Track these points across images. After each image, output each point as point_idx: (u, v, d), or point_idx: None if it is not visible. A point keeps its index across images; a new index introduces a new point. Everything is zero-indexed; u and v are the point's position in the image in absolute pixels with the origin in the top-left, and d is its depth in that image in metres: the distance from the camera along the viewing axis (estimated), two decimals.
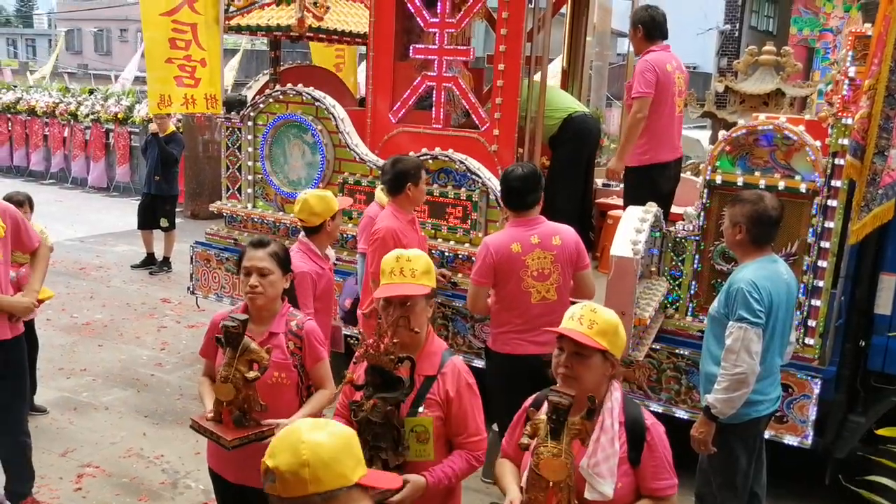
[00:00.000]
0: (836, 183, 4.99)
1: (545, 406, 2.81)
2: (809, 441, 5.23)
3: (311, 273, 4.65)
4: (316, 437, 1.96)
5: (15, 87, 19.61)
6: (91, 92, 17.62)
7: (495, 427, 5.33)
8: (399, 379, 2.89)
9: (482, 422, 3.15)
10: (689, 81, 6.31)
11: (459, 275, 6.25)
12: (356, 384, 2.99)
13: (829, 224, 5.05)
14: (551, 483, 2.57)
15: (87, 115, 16.77)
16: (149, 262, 11.05)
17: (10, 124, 18.39)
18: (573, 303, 4.83)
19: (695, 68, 26.90)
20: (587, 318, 2.75)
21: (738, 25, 22.45)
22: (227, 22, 7.43)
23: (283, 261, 3.64)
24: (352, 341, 6.11)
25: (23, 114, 17.99)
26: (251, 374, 3.32)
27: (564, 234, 4.78)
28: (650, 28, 6.04)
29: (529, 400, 3.01)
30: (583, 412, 2.62)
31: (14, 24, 68.31)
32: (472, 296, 4.87)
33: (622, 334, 2.82)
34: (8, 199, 6.30)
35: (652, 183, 5.98)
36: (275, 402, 3.46)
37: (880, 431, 2.00)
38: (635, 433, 2.79)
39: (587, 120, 6.58)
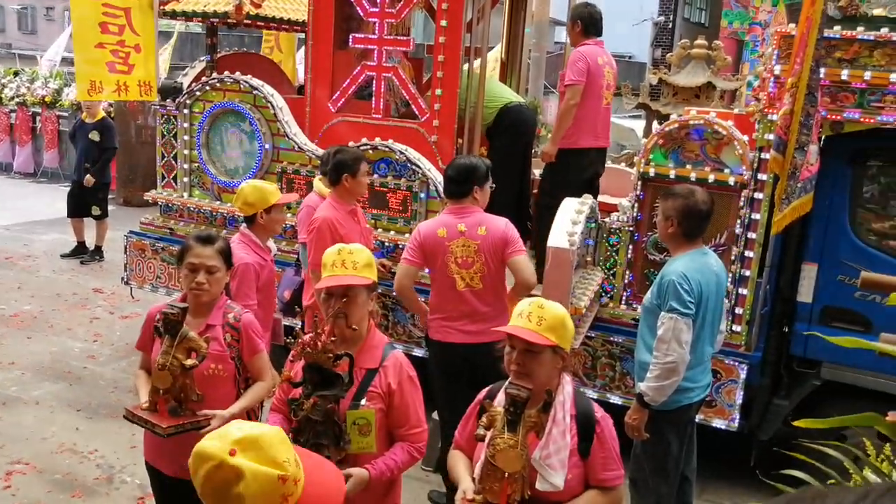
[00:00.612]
0: (762, 176, 5.19)
1: (500, 397, 2.89)
2: (736, 424, 5.44)
3: (254, 264, 4.66)
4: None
5: None
6: (16, 74, 17.10)
7: (435, 416, 5.41)
8: (338, 375, 2.92)
9: (423, 414, 3.21)
10: (617, 76, 6.58)
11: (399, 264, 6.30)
12: (294, 381, 3.01)
13: (756, 216, 5.24)
14: (507, 474, 2.65)
15: (11, 98, 16.27)
16: (79, 251, 10.80)
17: None
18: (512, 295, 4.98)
19: (630, 58, 27.26)
20: (535, 315, 2.81)
21: (672, 17, 22.86)
22: (162, 7, 7.31)
23: (229, 257, 3.68)
24: (287, 337, 6.11)
25: None
26: (189, 362, 3.35)
27: (492, 224, 4.83)
28: (588, 24, 6.29)
29: (483, 392, 3.09)
30: (539, 405, 2.70)
31: None
32: (399, 275, 4.92)
33: (570, 327, 2.89)
34: None
35: (568, 166, 6.23)
36: (212, 394, 3.48)
37: (797, 423, 2.10)
38: (586, 426, 2.87)
39: (523, 110, 6.68)
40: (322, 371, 2.90)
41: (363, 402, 3.03)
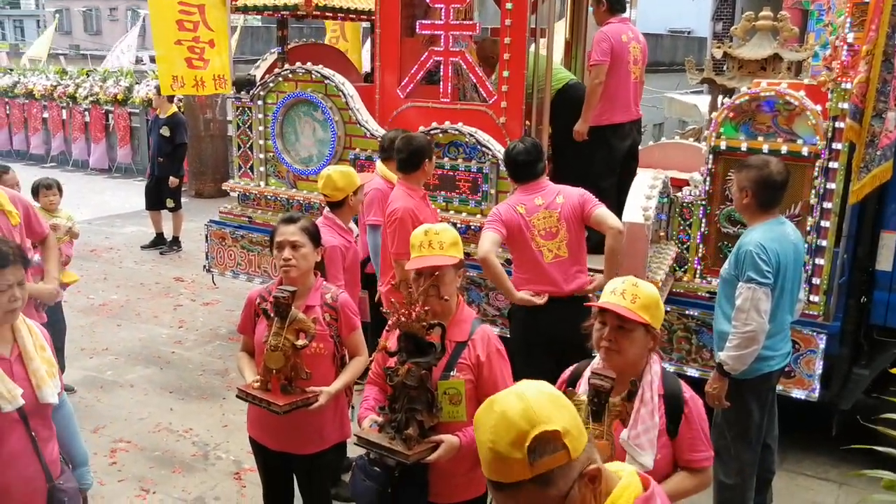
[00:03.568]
0: (837, 146, 5.16)
1: (582, 384, 2.91)
2: (816, 394, 5.44)
3: (339, 246, 4.83)
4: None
5: (10, 70, 19.59)
6: (88, 73, 17.64)
7: None
8: (431, 344, 3.05)
9: (512, 385, 3.30)
10: (646, 51, 6.71)
11: (472, 245, 6.40)
12: (390, 351, 3.15)
13: (831, 185, 5.22)
14: None
15: (85, 97, 16.79)
16: (158, 242, 11.18)
17: (7, 108, 18.40)
18: (591, 270, 5.05)
19: (689, 33, 26.93)
20: (629, 293, 2.80)
21: None
22: (233, 2, 7.53)
23: (314, 235, 3.80)
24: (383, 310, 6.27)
25: (20, 97, 17.99)
26: (300, 343, 3.51)
27: (568, 192, 4.93)
28: (612, 2, 6.47)
29: (567, 373, 3.10)
30: (623, 393, 2.68)
31: (0, 5, 67.69)
32: (482, 241, 4.85)
33: (661, 307, 2.88)
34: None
35: (606, 141, 6.40)
36: (314, 371, 3.63)
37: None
38: (674, 406, 2.86)
39: (580, 88, 6.75)
40: (416, 340, 3.03)
41: (453, 373, 3.16)
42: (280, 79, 7.24)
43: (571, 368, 3.14)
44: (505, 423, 1.72)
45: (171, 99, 10.74)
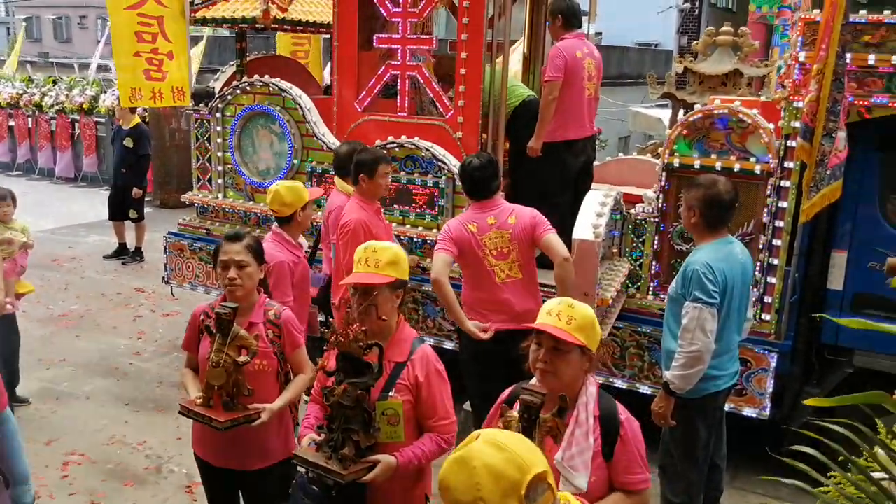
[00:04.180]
0: (789, 164, 5.20)
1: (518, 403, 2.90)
2: (767, 413, 5.46)
3: (287, 262, 4.79)
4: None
5: None
6: (55, 82, 17.46)
7: (467, 406, 5.51)
8: (368, 365, 3.02)
9: (451, 406, 3.28)
10: (601, 67, 6.66)
11: (428, 260, 6.39)
12: (328, 371, 3.12)
13: (783, 204, 5.26)
14: None
15: (51, 106, 16.63)
16: (121, 252, 11.07)
17: None
18: (542, 286, 5.04)
19: (657, 46, 27.09)
20: (565, 314, 2.79)
21: (698, 3, 22.64)
22: (192, 14, 7.48)
23: (259, 253, 3.78)
24: (322, 328, 6.24)
25: None
26: (242, 359, 3.49)
27: (520, 212, 4.92)
28: (568, 17, 6.40)
29: (505, 395, 3.07)
30: (554, 409, 2.65)
31: None
32: (433, 263, 4.86)
33: (598, 329, 2.87)
34: None
35: (560, 158, 6.36)
36: (258, 388, 3.60)
37: (807, 402, 2.14)
38: (609, 427, 2.84)
39: (538, 103, 6.75)
40: (353, 360, 3.01)
41: (391, 393, 3.13)
42: (238, 91, 7.20)
43: (510, 389, 3.11)
44: (493, 476, 1.68)
45: (133, 110, 10.67)
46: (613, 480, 2.86)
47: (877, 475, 1.62)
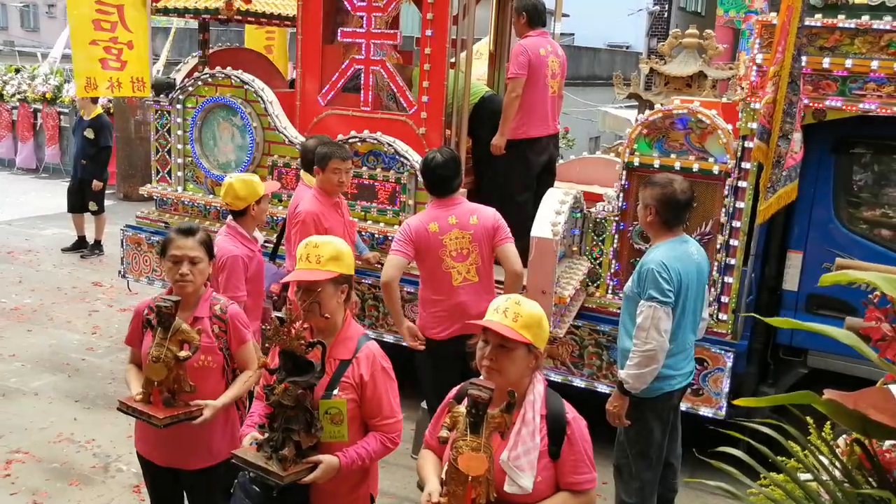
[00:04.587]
0: (746, 165, 5.22)
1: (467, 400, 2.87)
2: (724, 412, 5.48)
3: (241, 256, 4.71)
4: None
5: None
6: (17, 71, 17.17)
7: (424, 405, 5.48)
8: (310, 363, 2.95)
9: (397, 405, 3.23)
10: (565, 65, 6.68)
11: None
12: (270, 368, 3.05)
13: (740, 204, 5.28)
14: (470, 477, 2.59)
15: (13, 95, 16.35)
16: (80, 246, 10.91)
17: None
18: (499, 284, 5.02)
19: (627, 48, 27.23)
20: (511, 311, 2.75)
21: (667, 6, 22.79)
22: (154, 3, 7.37)
23: (210, 248, 3.71)
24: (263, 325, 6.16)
25: None
26: (183, 354, 3.40)
27: (482, 213, 4.90)
28: (532, 15, 6.43)
29: (453, 392, 3.03)
30: (502, 405, 2.63)
31: None
32: (387, 265, 4.83)
33: (546, 327, 2.84)
34: None
35: (523, 155, 6.37)
36: (202, 385, 3.53)
37: (737, 402, 2.13)
38: (556, 427, 2.81)
39: (496, 100, 6.74)
40: (295, 358, 2.94)
41: (336, 392, 3.07)
42: (199, 83, 7.10)
43: (459, 386, 3.08)
44: None
45: (95, 100, 10.51)
46: (560, 480, 2.83)
47: (806, 476, 1.60)
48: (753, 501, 1.60)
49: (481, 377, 2.89)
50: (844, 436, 1.68)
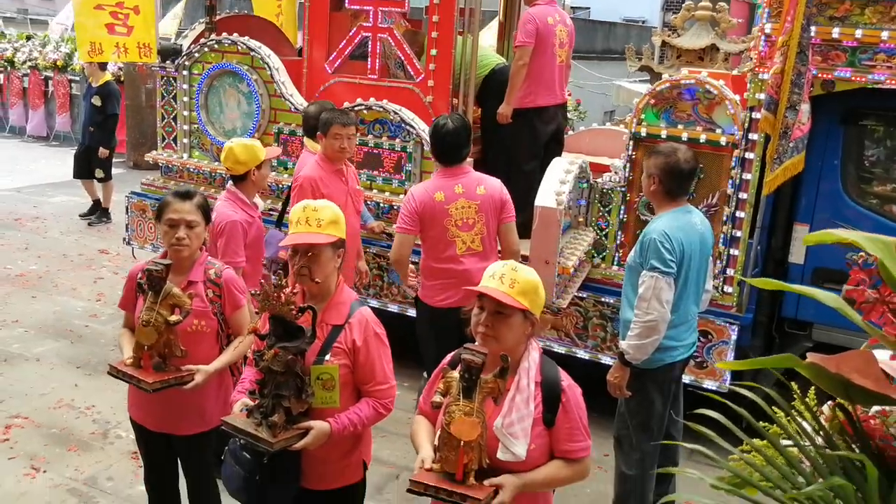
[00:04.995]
0: (753, 136, 5.14)
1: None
2: (727, 385, 5.43)
3: (241, 222, 4.67)
4: None
5: None
6: (28, 38, 17.14)
7: (426, 375, 5.46)
8: (300, 328, 2.92)
9: (391, 371, 3.19)
10: (573, 35, 6.61)
11: (394, 226, 6.30)
12: (260, 334, 3.02)
13: (747, 176, 5.21)
14: (462, 442, 2.57)
15: (24, 62, 16.34)
16: (96, 209, 10.87)
17: None
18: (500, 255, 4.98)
19: (644, 22, 27.00)
20: (508, 277, 2.72)
21: None
22: None
23: (208, 212, 3.69)
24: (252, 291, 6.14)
25: None
26: (173, 318, 3.37)
27: (489, 183, 4.86)
28: None
29: (447, 359, 2.99)
30: (496, 370, 2.62)
31: None
32: (397, 244, 4.90)
33: (542, 293, 2.80)
34: None
35: (530, 124, 6.32)
36: (195, 350, 3.51)
37: (719, 365, 2.09)
38: (551, 394, 2.78)
39: (508, 71, 6.67)
40: (285, 324, 2.90)
41: (328, 357, 3.03)
42: (206, 49, 7.05)
43: (454, 352, 3.05)
44: None
45: (104, 67, 10.45)
46: (554, 448, 2.81)
47: (788, 442, 1.57)
48: (733, 466, 1.56)
49: (476, 344, 2.86)
50: (830, 402, 1.63)
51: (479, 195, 4.79)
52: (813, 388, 1.62)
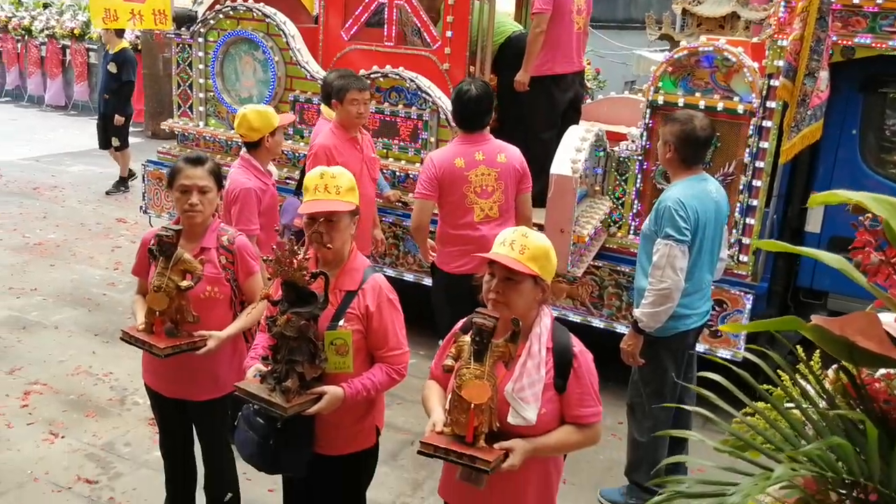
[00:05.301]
0: (771, 104, 5.08)
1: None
2: (742, 353, 5.41)
3: (255, 189, 4.68)
4: None
5: None
6: (45, 6, 17.13)
7: (441, 343, 5.47)
8: (313, 294, 2.93)
9: (404, 337, 3.21)
10: (591, 1, 6.55)
11: (410, 195, 6.31)
12: (272, 300, 3.04)
13: (764, 144, 5.16)
14: (473, 405, 2.59)
15: (41, 31, 16.35)
16: (130, 176, 10.85)
17: None
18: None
19: None
20: (518, 243, 2.72)
21: None
22: None
23: (220, 178, 3.68)
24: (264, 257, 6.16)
25: None
26: (184, 284, 3.38)
27: (510, 152, 4.85)
28: None
29: (459, 324, 2.99)
30: (507, 335, 2.63)
31: None
32: (417, 211, 4.91)
33: (553, 259, 2.80)
34: None
35: (548, 92, 6.25)
36: (208, 316, 3.52)
37: (722, 328, 2.09)
38: (562, 360, 2.79)
39: (525, 38, 6.61)
40: (297, 289, 2.92)
41: (341, 323, 3.05)
42: (221, 16, 7.02)
43: (466, 318, 3.06)
44: None
45: (120, 34, 10.44)
46: (565, 413, 2.82)
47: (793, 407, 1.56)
48: (735, 429, 1.56)
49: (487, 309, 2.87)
50: (835, 365, 1.63)
51: (500, 163, 4.78)
52: (818, 351, 1.62)
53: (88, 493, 4.51)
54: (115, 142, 10.65)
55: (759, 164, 5.19)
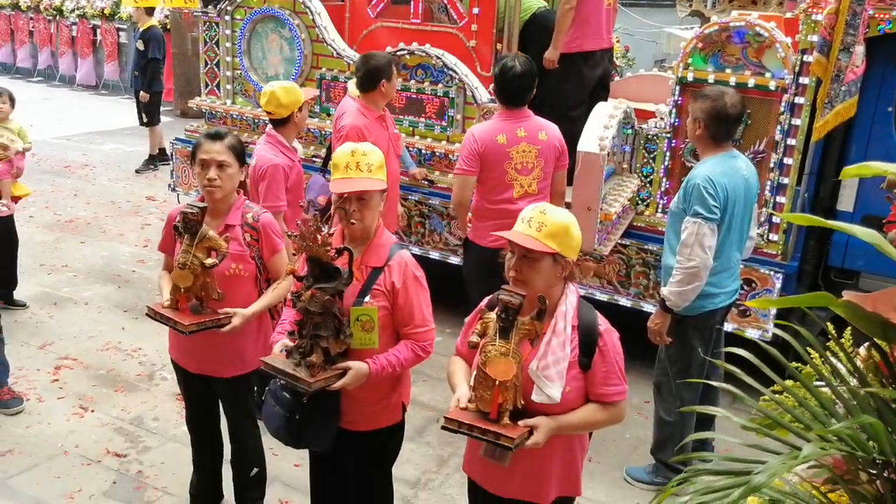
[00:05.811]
0: (804, 80, 4.99)
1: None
2: (770, 334, 5.35)
3: (282, 166, 4.67)
4: None
5: None
6: None
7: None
8: (338, 269, 2.93)
9: (429, 313, 3.20)
10: None
11: (436, 172, 6.29)
12: (297, 275, 3.04)
13: (796, 121, 5.07)
14: (498, 382, 2.58)
15: (72, 11, 16.44)
16: (163, 156, 10.87)
17: None
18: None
19: None
20: (536, 221, 2.70)
21: None
22: None
23: (241, 153, 3.66)
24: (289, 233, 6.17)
25: (6, 8, 17.59)
26: (209, 261, 3.39)
27: (550, 130, 4.84)
28: None
29: (485, 301, 2.98)
30: (533, 313, 2.62)
31: None
32: (458, 187, 4.87)
33: (575, 235, 2.75)
34: None
35: (577, 69, 6.14)
36: (233, 293, 3.54)
37: (748, 303, 2.05)
38: (588, 338, 2.77)
39: (549, 16, 6.53)
40: (322, 264, 2.92)
41: (367, 298, 3.05)
42: None
43: (492, 295, 3.04)
44: None
45: (150, 12, 10.44)
46: (590, 391, 2.81)
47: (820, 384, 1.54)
48: (764, 407, 1.53)
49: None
50: (867, 343, 1.59)
51: (541, 140, 4.76)
52: (849, 328, 1.58)
53: (117, 467, 4.57)
54: (144, 118, 10.69)
55: (791, 141, 5.10)
